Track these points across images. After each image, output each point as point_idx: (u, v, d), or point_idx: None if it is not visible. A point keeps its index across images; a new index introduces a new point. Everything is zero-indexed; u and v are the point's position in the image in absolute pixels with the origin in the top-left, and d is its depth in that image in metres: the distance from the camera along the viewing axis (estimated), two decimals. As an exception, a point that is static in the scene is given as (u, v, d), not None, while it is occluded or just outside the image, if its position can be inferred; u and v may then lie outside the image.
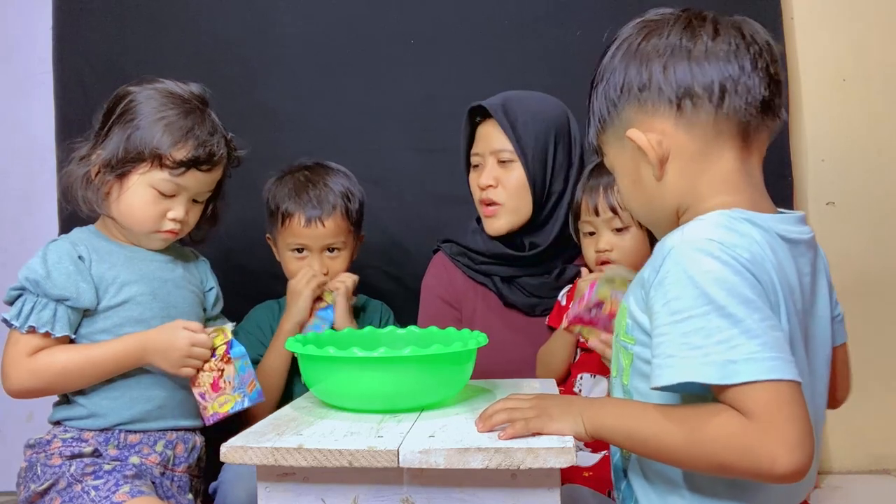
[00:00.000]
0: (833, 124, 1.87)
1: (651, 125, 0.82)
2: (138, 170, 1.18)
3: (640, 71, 0.83)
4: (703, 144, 0.81)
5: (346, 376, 0.92)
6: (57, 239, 1.21)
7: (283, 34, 1.86)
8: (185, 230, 1.26)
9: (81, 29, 1.86)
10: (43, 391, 1.15)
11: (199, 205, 1.27)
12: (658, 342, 0.73)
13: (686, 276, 0.72)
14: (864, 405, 1.83)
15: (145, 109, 1.19)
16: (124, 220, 1.21)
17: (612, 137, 0.87)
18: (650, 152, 0.82)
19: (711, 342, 0.69)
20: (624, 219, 1.26)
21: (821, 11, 1.88)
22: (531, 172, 1.38)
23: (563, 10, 1.84)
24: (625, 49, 0.85)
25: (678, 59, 0.81)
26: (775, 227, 0.78)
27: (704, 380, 0.69)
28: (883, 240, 1.84)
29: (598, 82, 0.88)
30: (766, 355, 0.68)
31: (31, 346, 1.12)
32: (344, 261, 1.51)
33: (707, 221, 0.76)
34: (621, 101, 0.84)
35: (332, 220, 1.46)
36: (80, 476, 1.11)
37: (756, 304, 0.70)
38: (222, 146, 1.23)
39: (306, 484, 0.80)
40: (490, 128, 1.40)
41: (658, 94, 0.82)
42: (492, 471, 0.75)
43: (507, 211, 1.40)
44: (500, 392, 1.05)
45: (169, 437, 1.20)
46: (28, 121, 1.92)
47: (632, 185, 0.87)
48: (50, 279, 1.13)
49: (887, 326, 1.83)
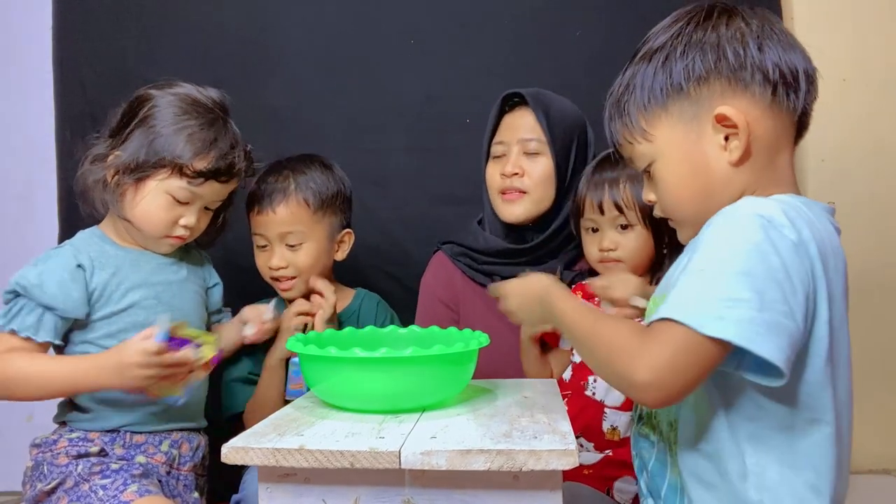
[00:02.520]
0: (833, 124, 1.86)
1: (738, 106, 0.79)
2: (157, 176, 1.18)
3: (735, 49, 0.79)
4: (780, 134, 0.81)
5: (347, 376, 0.91)
6: (59, 246, 1.20)
7: (283, 34, 1.86)
8: (193, 236, 1.27)
9: (81, 29, 1.86)
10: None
11: (209, 212, 1.28)
12: (670, 290, 0.74)
13: (722, 238, 0.73)
14: (864, 405, 1.82)
15: (167, 116, 1.19)
16: (138, 223, 1.21)
17: (677, 117, 0.83)
18: (743, 132, 0.79)
19: (713, 296, 0.70)
20: (629, 217, 1.22)
21: (821, 11, 1.88)
22: (557, 164, 1.37)
23: (563, 9, 1.84)
24: (708, 26, 0.81)
25: (772, 43, 0.79)
26: (828, 217, 0.80)
27: (687, 321, 0.70)
28: (883, 240, 1.84)
29: (667, 56, 0.82)
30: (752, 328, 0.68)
31: (5, 346, 1.10)
32: (308, 255, 1.40)
33: (764, 200, 0.76)
34: (710, 76, 0.80)
35: (285, 207, 1.37)
36: (88, 475, 1.11)
37: (776, 285, 0.70)
38: (242, 159, 1.24)
39: (307, 485, 0.80)
40: (520, 117, 1.41)
41: (753, 74, 0.79)
42: (494, 472, 0.75)
43: (528, 200, 1.39)
44: (502, 392, 1.05)
45: (174, 436, 1.21)
46: (28, 121, 1.92)
47: (691, 171, 0.83)
48: (40, 287, 1.12)
49: (887, 326, 1.83)
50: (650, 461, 0.88)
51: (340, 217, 1.47)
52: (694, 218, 0.84)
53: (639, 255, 1.24)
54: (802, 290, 0.72)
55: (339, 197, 1.45)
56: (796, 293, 0.72)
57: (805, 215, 0.76)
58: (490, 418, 0.89)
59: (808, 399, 0.76)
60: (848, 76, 1.86)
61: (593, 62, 1.70)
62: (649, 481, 0.88)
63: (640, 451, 0.90)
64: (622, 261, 1.24)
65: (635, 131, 0.86)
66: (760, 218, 0.73)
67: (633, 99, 0.86)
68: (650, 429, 0.89)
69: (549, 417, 0.89)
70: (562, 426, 0.84)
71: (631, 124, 0.86)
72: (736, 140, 0.80)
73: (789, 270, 0.71)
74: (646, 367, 0.71)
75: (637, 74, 0.85)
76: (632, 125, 0.86)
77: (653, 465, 0.88)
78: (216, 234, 1.34)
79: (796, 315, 0.71)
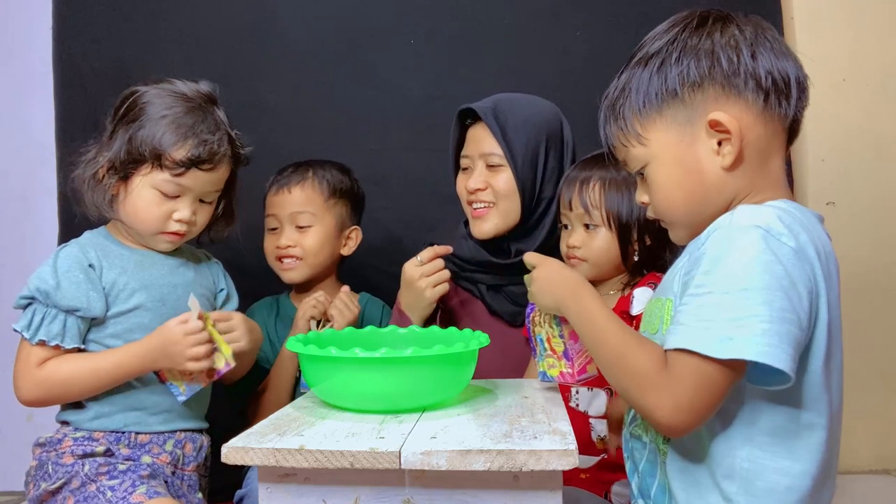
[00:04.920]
0: (833, 124, 1.86)
1: (731, 112, 0.81)
2: (141, 171, 1.17)
3: (729, 55, 0.81)
4: (771, 139, 0.82)
5: (347, 377, 0.91)
6: (67, 245, 1.19)
7: (283, 34, 1.87)
8: (193, 231, 1.25)
9: (81, 29, 1.86)
10: (50, 401, 1.16)
11: (208, 205, 1.25)
12: (678, 311, 0.76)
13: (723, 255, 0.74)
14: (864, 405, 1.83)
15: (149, 109, 1.18)
16: (130, 221, 1.20)
17: (671, 122, 0.84)
18: (736, 137, 0.80)
19: (721, 318, 0.72)
20: (594, 217, 1.24)
21: (821, 11, 1.88)
22: (521, 177, 1.35)
23: (563, 10, 1.84)
24: (703, 33, 0.83)
25: (765, 50, 0.81)
26: (820, 225, 0.81)
27: (698, 349, 0.72)
28: (883, 240, 1.84)
29: (663, 61, 0.84)
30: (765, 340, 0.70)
31: (39, 357, 1.12)
32: (316, 238, 1.49)
33: (758, 209, 0.77)
34: (704, 82, 0.81)
35: (300, 189, 1.48)
36: (95, 476, 1.11)
37: (783, 293, 0.71)
38: (224, 144, 1.21)
39: (308, 485, 0.80)
40: (480, 131, 1.38)
41: (746, 80, 0.80)
42: (494, 472, 0.75)
43: (496, 213, 1.37)
44: (502, 392, 1.05)
45: (178, 436, 1.21)
46: (28, 121, 1.92)
47: (684, 175, 0.84)
48: (60, 290, 1.12)
49: (887, 326, 1.83)
50: (641, 462, 0.89)
51: (350, 212, 1.54)
52: (686, 220, 0.86)
53: (602, 256, 1.25)
54: (807, 296, 0.74)
55: (351, 192, 1.54)
56: (802, 299, 0.73)
57: (800, 220, 0.78)
58: (490, 418, 0.89)
59: (807, 402, 0.77)
60: (848, 76, 1.86)
61: (593, 62, 1.70)
62: (640, 482, 0.89)
63: (633, 453, 0.91)
64: (586, 260, 1.26)
65: (630, 135, 0.87)
66: (758, 229, 0.74)
67: (628, 103, 0.87)
68: (642, 430, 0.89)
69: (549, 417, 0.89)
70: (562, 426, 0.84)
71: (626, 128, 0.87)
72: (729, 145, 0.81)
73: (793, 278, 0.73)
74: (669, 409, 0.74)
75: (633, 79, 0.86)
76: (627, 128, 0.87)
77: (643, 466, 0.89)
78: (224, 226, 1.32)
79: (803, 321, 0.73)
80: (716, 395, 0.74)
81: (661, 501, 0.85)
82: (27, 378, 1.12)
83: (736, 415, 0.78)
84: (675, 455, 0.83)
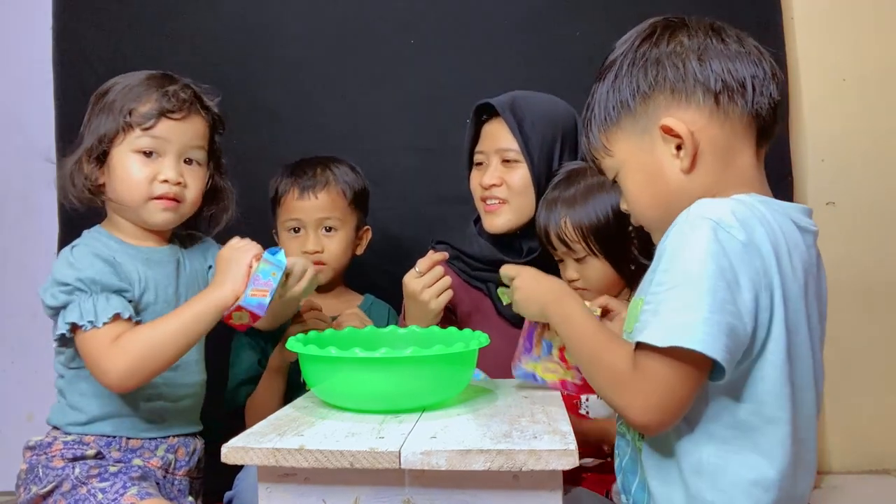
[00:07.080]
0: (833, 124, 1.87)
1: (682, 118, 0.83)
2: (115, 143, 1.17)
3: (675, 63, 0.84)
4: (732, 138, 0.84)
5: (347, 377, 0.91)
6: (75, 245, 1.18)
7: (283, 35, 1.86)
8: (186, 196, 1.21)
9: (81, 29, 1.86)
10: (142, 370, 1.08)
11: (196, 168, 1.23)
12: (642, 309, 0.79)
13: (678, 250, 0.77)
14: (864, 405, 1.83)
15: (113, 88, 1.20)
16: (119, 196, 1.18)
17: (629, 132, 0.87)
18: (688, 141, 0.82)
19: (667, 308, 0.75)
20: (578, 252, 1.25)
21: (821, 11, 1.88)
22: (536, 173, 1.36)
23: (563, 9, 1.84)
24: (650, 44, 0.86)
25: (714, 54, 0.84)
26: (790, 214, 0.82)
27: (647, 340, 0.75)
28: (883, 240, 1.84)
29: (616, 74, 0.87)
30: (705, 329, 0.72)
31: (110, 335, 1.07)
32: (341, 242, 1.50)
33: (715, 202, 0.79)
34: (653, 91, 0.85)
35: (326, 194, 1.48)
36: (86, 478, 1.10)
37: (726, 285, 0.74)
38: (189, 93, 1.21)
39: (307, 485, 0.80)
40: (496, 126, 1.39)
41: (694, 85, 0.83)
42: (494, 472, 0.75)
43: (509, 209, 1.38)
44: (502, 392, 1.05)
45: (170, 441, 1.20)
46: (28, 121, 1.92)
47: (649, 181, 0.87)
48: (105, 275, 1.11)
49: (887, 326, 1.84)
50: (624, 458, 0.91)
51: (363, 213, 1.56)
52: (659, 223, 0.88)
53: (602, 282, 1.26)
54: (751, 289, 0.75)
55: (364, 193, 1.55)
56: (743, 292, 0.75)
57: (760, 214, 0.79)
58: (490, 418, 0.89)
59: (766, 397, 0.78)
60: (848, 76, 1.87)
61: (593, 62, 1.69)
62: (623, 479, 0.91)
63: (619, 450, 0.93)
64: (588, 289, 1.26)
65: (599, 148, 0.92)
66: (709, 221, 0.76)
67: (593, 118, 0.91)
68: (625, 428, 0.92)
69: (548, 417, 0.89)
70: (562, 426, 0.84)
71: (595, 141, 0.92)
72: (684, 149, 0.83)
73: (737, 271, 0.75)
74: (640, 407, 0.78)
75: (595, 93, 0.91)
76: (595, 142, 0.92)
77: (625, 463, 0.91)
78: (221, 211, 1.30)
79: (743, 316, 0.75)
80: (681, 392, 0.76)
81: (641, 498, 0.87)
82: (108, 357, 1.06)
83: (700, 411, 0.79)
84: (649, 452, 0.85)
